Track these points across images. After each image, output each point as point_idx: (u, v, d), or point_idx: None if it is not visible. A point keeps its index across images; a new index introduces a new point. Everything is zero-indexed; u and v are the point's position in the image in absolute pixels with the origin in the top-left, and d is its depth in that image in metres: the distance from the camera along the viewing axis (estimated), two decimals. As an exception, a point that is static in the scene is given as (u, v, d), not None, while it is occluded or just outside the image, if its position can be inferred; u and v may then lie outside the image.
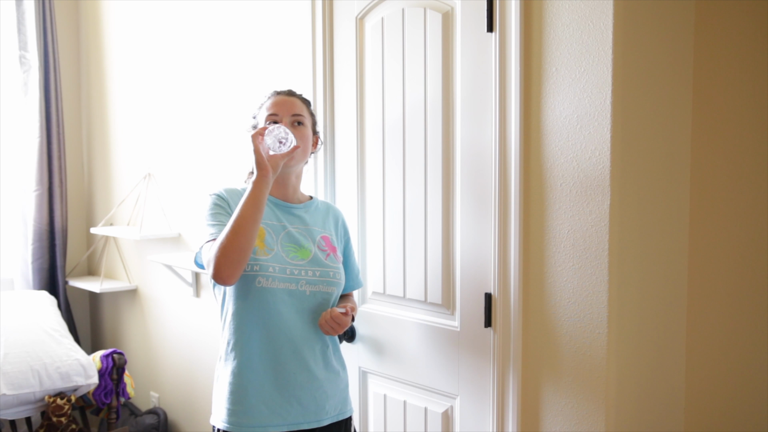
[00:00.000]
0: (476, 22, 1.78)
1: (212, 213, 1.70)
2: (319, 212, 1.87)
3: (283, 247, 1.72)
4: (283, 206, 1.79)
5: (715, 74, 1.78)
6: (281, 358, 1.69)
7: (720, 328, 1.83)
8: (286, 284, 1.69)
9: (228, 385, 1.69)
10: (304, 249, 1.75)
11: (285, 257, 1.71)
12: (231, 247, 1.55)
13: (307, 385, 1.71)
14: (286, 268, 1.70)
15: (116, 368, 2.96)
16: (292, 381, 1.70)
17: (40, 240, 3.32)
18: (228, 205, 1.71)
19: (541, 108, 1.68)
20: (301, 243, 1.75)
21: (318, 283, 1.73)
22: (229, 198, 1.73)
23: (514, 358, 1.76)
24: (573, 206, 1.64)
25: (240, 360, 1.68)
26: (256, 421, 1.67)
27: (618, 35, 1.55)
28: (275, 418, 1.68)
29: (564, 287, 1.67)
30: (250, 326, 1.69)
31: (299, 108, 1.79)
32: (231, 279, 1.58)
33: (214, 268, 1.56)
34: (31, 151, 3.29)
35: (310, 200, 1.88)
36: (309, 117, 1.83)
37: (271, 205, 1.77)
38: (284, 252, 1.72)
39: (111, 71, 3.36)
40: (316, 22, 2.22)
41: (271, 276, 1.67)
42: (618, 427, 1.65)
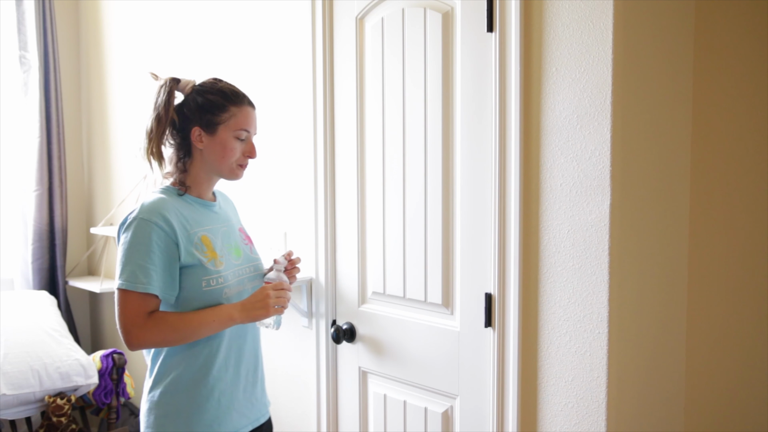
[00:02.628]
0: (476, 22, 1.78)
1: (151, 251, 1.52)
2: (227, 204, 1.83)
3: (226, 251, 1.67)
4: (208, 206, 1.70)
5: (715, 74, 1.78)
6: (243, 361, 1.68)
7: (720, 328, 1.83)
8: (239, 288, 1.66)
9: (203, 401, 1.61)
10: (237, 248, 1.71)
11: (231, 261, 1.67)
12: (169, 345, 1.57)
13: (259, 381, 1.75)
14: (236, 272, 1.66)
15: (116, 368, 2.96)
16: (250, 380, 1.71)
17: (40, 240, 3.32)
18: (174, 233, 1.55)
19: (541, 108, 1.68)
20: (233, 242, 1.71)
21: (255, 278, 1.73)
22: (172, 224, 1.56)
23: (514, 358, 1.76)
24: (573, 206, 1.64)
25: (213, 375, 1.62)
26: (231, 428, 1.65)
27: (618, 35, 1.55)
28: (242, 419, 1.68)
29: (564, 287, 1.67)
30: (218, 341, 1.63)
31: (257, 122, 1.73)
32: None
33: (138, 347, 1.54)
34: (31, 151, 3.28)
35: (214, 194, 1.78)
36: None
37: (200, 208, 1.67)
38: (229, 255, 1.67)
39: (111, 71, 3.36)
40: (316, 22, 2.22)
41: (230, 285, 1.63)
42: (618, 427, 1.65)
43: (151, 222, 1.53)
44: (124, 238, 1.54)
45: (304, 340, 2.37)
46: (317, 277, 2.29)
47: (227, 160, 1.64)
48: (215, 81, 1.67)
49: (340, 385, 2.27)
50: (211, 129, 1.62)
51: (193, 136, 1.63)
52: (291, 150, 2.38)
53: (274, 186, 2.47)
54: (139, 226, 1.53)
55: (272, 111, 2.45)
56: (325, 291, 2.27)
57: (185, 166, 1.66)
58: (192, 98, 1.64)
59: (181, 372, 1.60)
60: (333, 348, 2.28)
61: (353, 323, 2.19)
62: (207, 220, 1.67)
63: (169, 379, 1.60)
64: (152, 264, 1.52)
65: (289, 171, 2.40)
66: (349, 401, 2.24)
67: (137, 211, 1.56)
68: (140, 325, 1.52)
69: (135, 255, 1.52)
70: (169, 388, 1.60)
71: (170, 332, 1.54)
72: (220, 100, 1.63)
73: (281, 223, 2.44)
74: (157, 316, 1.54)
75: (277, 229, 2.46)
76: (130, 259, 1.52)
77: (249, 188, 2.57)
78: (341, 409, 2.28)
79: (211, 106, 1.62)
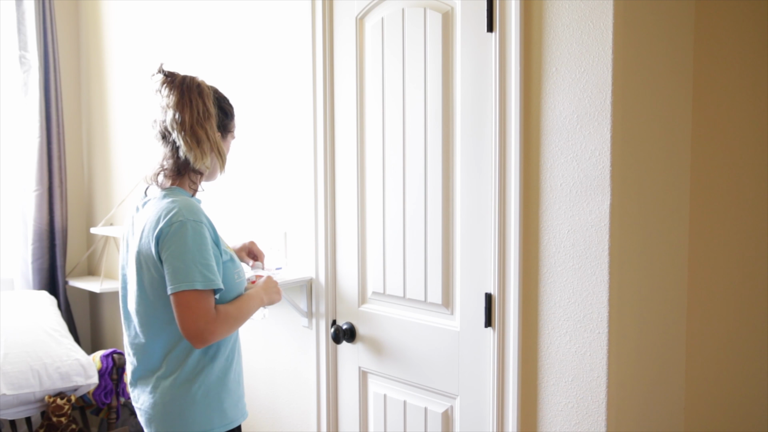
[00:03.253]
0: (476, 22, 1.78)
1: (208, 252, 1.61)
2: None
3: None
4: None
5: (715, 74, 1.78)
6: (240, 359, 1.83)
7: (720, 328, 1.83)
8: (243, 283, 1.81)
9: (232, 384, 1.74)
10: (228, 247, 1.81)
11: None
12: (232, 331, 1.68)
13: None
14: None
15: (116, 368, 2.96)
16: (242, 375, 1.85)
17: (40, 240, 3.32)
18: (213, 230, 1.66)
19: (541, 108, 1.68)
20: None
21: (242, 275, 1.79)
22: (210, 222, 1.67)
23: (513, 358, 1.76)
24: (573, 206, 1.64)
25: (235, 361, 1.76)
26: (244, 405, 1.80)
27: (618, 35, 1.56)
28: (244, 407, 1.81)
29: (564, 287, 1.67)
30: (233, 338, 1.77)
31: None
32: None
33: (211, 341, 1.61)
34: (31, 151, 3.28)
35: None
36: None
37: None
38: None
39: (111, 71, 3.36)
40: (316, 22, 2.22)
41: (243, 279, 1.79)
42: (618, 427, 1.65)
43: (199, 222, 1.60)
44: (179, 241, 1.56)
45: (304, 340, 2.37)
46: (317, 277, 2.29)
47: (223, 163, 1.75)
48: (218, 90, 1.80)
49: (340, 385, 2.27)
50: (225, 134, 1.77)
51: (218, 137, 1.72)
52: (291, 150, 2.38)
53: (274, 186, 2.47)
54: (192, 228, 1.58)
55: (272, 111, 2.45)
56: (325, 291, 2.27)
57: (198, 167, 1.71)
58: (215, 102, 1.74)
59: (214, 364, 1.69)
60: (333, 348, 2.28)
61: (353, 323, 2.19)
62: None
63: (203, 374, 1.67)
64: (212, 261, 1.60)
65: (289, 171, 2.40)
66: (349, 401, 2.24)
67: (180, 213, 1.59)
68: (212, 320, 1.59)
69: (197, 255, 1.57)
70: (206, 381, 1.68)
71: (233, 322, 1.65)
72: (231, 110, 1.79)
73: (281, 223, 2.44)
74: (220, 309, 1.63)
75: (277, 229, 2.46)
76: (195, 260, 1.57)
77: (249, 188, 2.57)
78: (341, 409, 2.28)
79: (229, 113, 1.78)
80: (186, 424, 1.65)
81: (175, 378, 1.66)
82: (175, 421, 1.65)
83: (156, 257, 1.60)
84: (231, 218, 2.63)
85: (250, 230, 2.55)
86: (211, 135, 1.66)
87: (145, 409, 1.70)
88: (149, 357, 1.69)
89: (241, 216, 2.61)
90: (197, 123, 1.63)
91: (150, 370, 1.69)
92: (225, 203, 2.65)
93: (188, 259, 1.56)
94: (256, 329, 2.56)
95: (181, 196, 1.65)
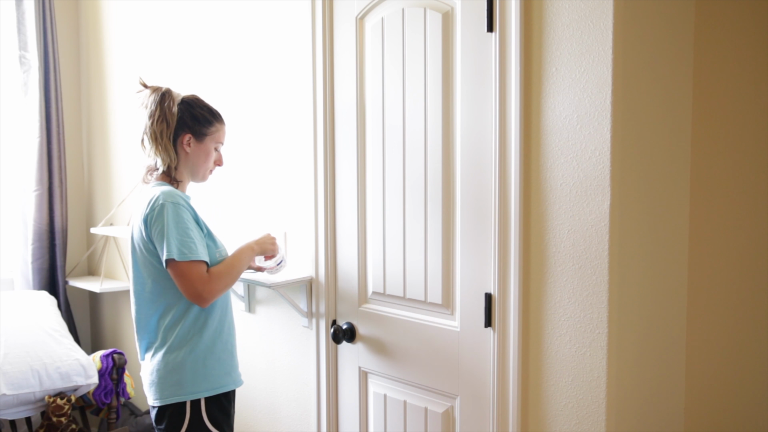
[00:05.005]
0: (476, 22, 1.78)
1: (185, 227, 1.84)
2: None
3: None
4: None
5: (715, 74, 1.78)
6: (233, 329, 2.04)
7: (720, 328, 1.83)
8: None
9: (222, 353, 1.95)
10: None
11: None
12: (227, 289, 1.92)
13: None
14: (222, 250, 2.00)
15: (116, 368, 2.96)
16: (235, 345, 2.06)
17: (40, 240, 3.32)
18: (192, 209, 1.90)
19: (541, 108, 1.68)
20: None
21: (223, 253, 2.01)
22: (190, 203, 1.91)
23: (514, 358, 1.76)
24: (573, 206, 1.64)
25: (225, 330, 1.97)
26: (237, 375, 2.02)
27: (618, 35, 1.56)
28: (238, 376, 2.03)
29: (564, 287, 1.67)
30: (225, 301, 2.00)
31: None
32: None
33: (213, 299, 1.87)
34: (31, 151, 3.28)
35: None
36: None
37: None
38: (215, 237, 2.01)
39: (111, 71, 3.36)
40: (316, 22, 2.22)
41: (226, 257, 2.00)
42: (618, 427, 1.65)
43: (176, 203, 1.84)
44: (161, 220, 1.82)
45: (304, 340, 2.38)
46: (317, 276, 2.29)
47: (205, 166, 2.00)
48: (197, 98, 2.01)
49: (340, 384, 2.27)
50: (200, 138, 1.97)
51: (182, 141, 1.94)
52: (291, 150, 2.38)
53: (274, 186, 2.47)
54: (170, 208, 1.82)
55: (272, 111, 2.45)
56: (326, 291, 2.27)
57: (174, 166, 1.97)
58: (185, 109, 1.95)
59: (203, 332, 1.91)
60: (333, 348, 2.28)
61: (353, 323, 2.19)
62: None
63: (192, 341, 1.90)
64: (192, 234, 1.84)
65: (289, 171, 2.40)
66: (350, 401, 2.24)
67: (160, 198, 1.84)
68: (206, 282, 1.84)
69: (176, 230, 1.81)
70: (195, 348, 1.90)
71: (227, 276, 1.90)
72: (207, 115, 1.98)
73: (281, 223, 2.44)
74: (212, 271, 1.88)
75: (277, 229, 2.46)
76: (174, 235, 1.81)
77: (249, 188, 2.57)
78: (341, 408, 2.28)
79: (204, 119, 1.97)
80: (177, 387, 1.88)
81: (169, 347, 1.89)
82: (169, 384, 1.89)
83: (147, 239, 1.86)
84: (231, 218, 2.63)
85: (250, 230, 2.55)
86: (164, 140, 1.91)
87: (146, 376, 1.95)
88: (148, 331, 1.93)
89: (241, 215, 2.61)
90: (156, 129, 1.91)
91: (150, 342, 1.94)
92: (225, 203, 2.65)
93: (170, 235, 1.81)
94: (255, 329, 2.56)
95: (164, 186, 1.91)
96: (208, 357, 1.91)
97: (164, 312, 1.90)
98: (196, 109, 1.97)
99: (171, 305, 1.89)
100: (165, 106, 1.91)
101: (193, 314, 1.90)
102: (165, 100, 1.92)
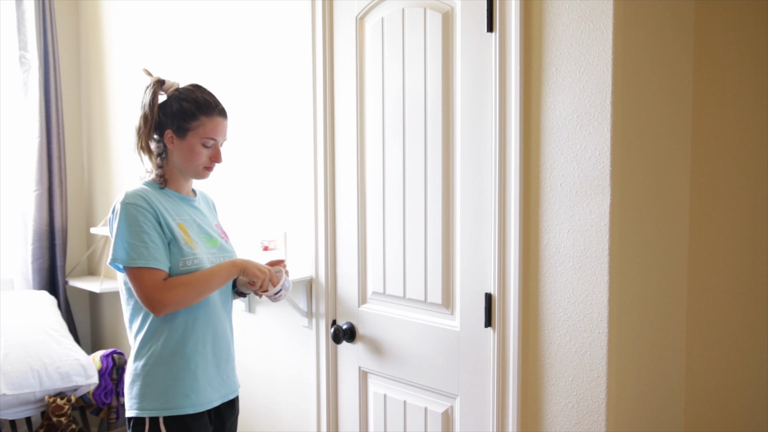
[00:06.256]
0: (476, 22, 1.78)
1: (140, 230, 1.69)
2: (205, 202, 1.99)
3: (200, 239, 1.82)
4: (187, 200, 1.87)
5: (715, 74, 1.78)
6: (216, 340, 1.83)
7: (720, 328, 1.83)
8: None
9: (181, 372, 1.76)
10: (212, 238, 1.87)
11: (204, 248, 1.82)
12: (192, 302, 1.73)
13: (230, 360, 1.89)
14: (209, 257, 1.81)
15: (116, 368, 2.96)
16: (224, 358, 1.86)
17: (40, 240, 3.32)
18: (154, 211, 1.72)
19: (541, 108, 1.68)
20: (209, 233, 1.87)
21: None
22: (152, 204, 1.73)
23: (514, 358, 1.76)
24: (573, 206, 1.64)
25: (190, 348, 1.77)
26: (204, 399, 1.80)
27: (618, 35, 1.55)
28: (215, 393, 1.83)
29: (564, 287, 1.67)
30: (194, 315, 1.78)
31: (228, 129, 1.86)
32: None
33: (166, 309, 1.69)
34: (31, 151, 3.28)
35: (195, 192, 1.95)
36: None
37: (178, 201, 1.83)
38: (202, 243, 1.82)
39: (111, 71, 3.36)
40: (316, 22, 2.22)
41: (206, 267, 1.78)
42: (618, 427, 1.65)
43: (135, 205, 1.70)
44: (116, 223, 1.71)
45: (304, 340, 2.38)
46: (317, 276, 2.29)
47: (193, 163, 1.79)
48: (193, 89, 1.81)
49: (340, 385, 2.27)
50: (182, 134, 1.77)
51: (165, 137, 1.78)
52: (291, 150, 2.38)
53: (274, 186, 2.47)
54: (127, 210, 1.70)
55: (272, 111, 2.45)
56: (326, 291, 2.27)
57: (162, 162, 1.82)
58: (169, 102, 1.78)
59: (161, 345, 1.75)
60: (333, 348, 2.28)
61: (353, 323, 2.19)
62: (183, 212, 1.83)
63: (150, 352, 1.75)
64: (146, 240, 1.69)
65: (289, 171, 2.40)
66: (349, 401, 2.24)
67: (121, 199, 1.73)
68: (159, 289, 1.68)
69: (127, 234, 1.68)
70: (150, 360, 1.75)
71: (185, 287, 1.71)
72: (192, 108, 1.77)
73: (281, 223, 2.44)
74: (171, 279, 1.72)
75: (277, 229, 2.46)
76: (125, 238, 1.69)
77: (249, 188, 2.57)
78: (341, 409, 2.28)
79: (184, 113, 1.77)
80: (137, 399, 1.76)
81: (135, 354, 1.78)
82: (131, 395, 1.78)
83: None
84: (231, 218, 2.63)
85: (250, 230, 2.55)
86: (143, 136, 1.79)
87: None
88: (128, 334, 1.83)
89: (241, 216, 2.61)
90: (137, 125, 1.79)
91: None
92: (225, 203, 2.65)
93: (121, 238, 1.69)
94: (255, 329, 2.56)
95: (137, 186, 1.78)
96: (165, 373, 1.74)
97: (132, 317, 1.79)
98: (182, 102, 1.77)
99: (137, 310, 1.77)
100: (147, 101, 1.77)
101: (154, 323, 1.75)
102: (146, 92, 1.78)
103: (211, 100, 1.80)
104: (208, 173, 1.83)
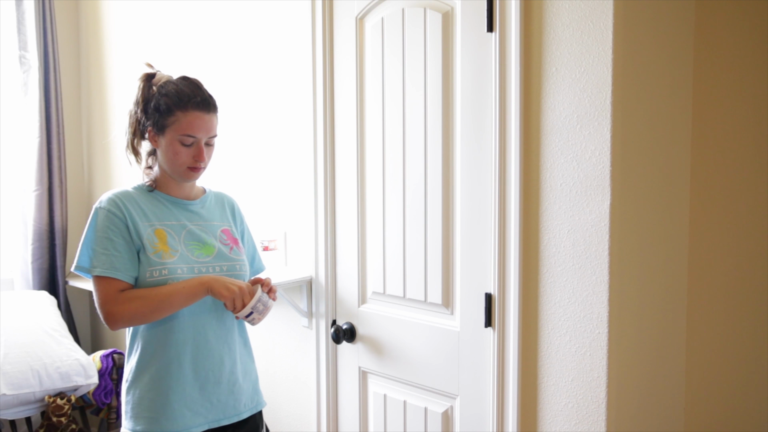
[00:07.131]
0: (476, 22, 1.78)
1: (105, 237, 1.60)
2: (215, 205, 1.82)
3: (186, 247, 1.67)
4: (181, 204, 1.73)
5: (715, 74, 1.78)
6: (199, 358, 1.67)
7: (720, 328, 1.83)
8: None
9: (147, 392, 1.64)
10: (207, 245, 1.71)
11: (190, 256, 1.67)
12: (147, 319, 1.60)
13: (225, 382, 1.71)
14: (194, 267, 1.66)
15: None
16: (210, 379, 1.68)
17: (40, 240, 3.32)
18: (124, 217, 1.62)
19: (541, 108, 1.68)
20: (204, 239, 1.71)
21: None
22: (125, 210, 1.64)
23: (513, 358, 1.76)
24: (573, 206, 1.64)
25: (159, 366, 1.64)
26: (180, 425, 1.64)
27: (618, 35, 1.55)
28: (197, 417, 1.66)
29: (564, 287, 1.67)
30: (166, 331, 1.64)
31: (215, 126, 1.68)
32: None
33: (117, 324, 1.59)
34: (31, 151, 3.28)
35: (205, 194, 1.81)
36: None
37: (168, 204, 1.71)
38: (188, 251, 1.67)
39: (111, 71, 3.36)
40: (316, 22, 2.22)
41: (180, 277, 1.62)
42: (618, 427, 1.65)
43: (106, 210, 1.62)
44: (87, 226, 1.63)
45: (304, 340, 2.37)
46: (317, 276, 2.29)
47: (174, 163, 1.66)
48: (176, 81, 1.67)
49: (340, 385, 2.27)
50: (161, 131, 1.65)
51: (149, 135, 1.68)
52: (291, 150, 2.38)
53: (274, 186, 2.47)
54: (98, 215, 1.63)
55: (272, 111, 2.45)
56: (325, 291, 2.27)
57: (153, 163, 1.73)
58: (157, 96, 1.65)
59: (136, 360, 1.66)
60: (333, 348, 2.28)
61: (353, 323, 2.19)
62: (170, 216, 1.70)
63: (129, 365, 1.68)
64: (105, 248, 1.60)
65: (289, 171, 2.40)
66: (349, 401, 2.24)
67: (98, 201, 1.66)
68: (112, 301, 1.58)
69: (92, 242, 1.61)
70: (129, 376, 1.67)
71: (142, 304, 1.58)
72: (169, 103, 1.63)
73: (281, 223, 2.44)
74: (129, 291, 1.60)
75: (277, 229, 2.46)
76: (89, 245, 1.61)
77: (249, 188, 2.57)
78: (341, 409, 2.28)
79: (161, 108, 1.63)
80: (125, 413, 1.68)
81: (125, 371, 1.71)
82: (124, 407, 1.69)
83: None
84: (231, 218, 2.63)
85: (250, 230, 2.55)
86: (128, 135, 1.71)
87: None
88: None
89: (241, 216, 2.61)
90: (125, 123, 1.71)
91: None
92: (225, 203, 2.65)
93: (86, 244, 1.62)
94: (255, 329, 2.56)
95: (126, 188, 1.71)
96: (136, 391, 1.65)
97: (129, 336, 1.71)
98: (162, 97, 1.63)
99: None
100: (134, 97, 1.67)
101: (135, 334, 1.67)
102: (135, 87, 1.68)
103: (188, 91, 1.63)
104: (194, 174, 1.68)
